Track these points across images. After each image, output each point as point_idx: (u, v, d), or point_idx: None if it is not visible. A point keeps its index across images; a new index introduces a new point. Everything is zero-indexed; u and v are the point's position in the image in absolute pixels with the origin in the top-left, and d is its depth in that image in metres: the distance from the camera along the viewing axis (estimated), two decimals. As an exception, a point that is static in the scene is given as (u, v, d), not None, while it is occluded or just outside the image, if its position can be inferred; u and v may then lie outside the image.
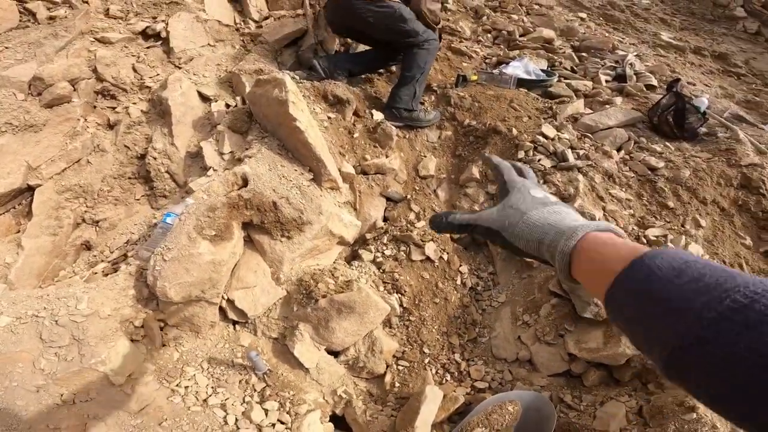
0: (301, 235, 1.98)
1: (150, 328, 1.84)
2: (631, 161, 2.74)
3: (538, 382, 2.18)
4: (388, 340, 2.26)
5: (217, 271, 1.81)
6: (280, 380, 2.05)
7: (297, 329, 2.01)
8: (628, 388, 2.06)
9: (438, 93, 3.21)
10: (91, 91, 2.61)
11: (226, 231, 1.84)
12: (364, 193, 2.42)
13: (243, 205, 1.93)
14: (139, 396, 1.70)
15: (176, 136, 2.50)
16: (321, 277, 1.99)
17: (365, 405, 2.17)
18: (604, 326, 2.10)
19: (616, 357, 2.02)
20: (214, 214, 1.83)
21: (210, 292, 1.82)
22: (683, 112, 2.87)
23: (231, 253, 1.84)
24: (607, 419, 1.92)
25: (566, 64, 4.26)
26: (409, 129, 2.85)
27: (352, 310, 1.98)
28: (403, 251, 2.35)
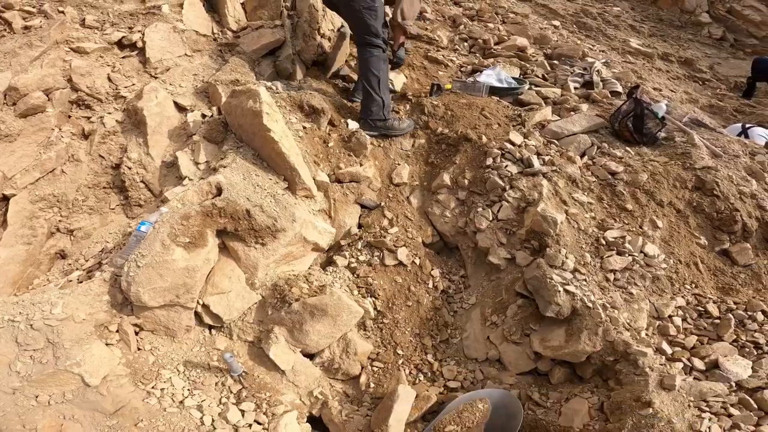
0: (275, 242, 2.05)
1: (125, 332, 1.88)
2: (593, 166, 2.86)
3: (508, 380, 2.26)
4: (363, 342, 2.34)
5: (191, 276, 1.86)
6: (256, 382, 2.10)
7: (272, 332, 2.07)
8: (590, 384, 2.15)
9: (413, 102, 3.29)
10: (65, 101, 2.64)
11: (199, 238, 1.90)
12: (338, 201, 2.49)
13: (217, 214, 1.98)
14: (115, 397, 1.74)
15: (152, 146, 2.54)
16: (295, 282, 2.06)
17: (341, 405, 2.24)
18: (566, 324, 2.21)
19: (576, 354, 2.13)
20: (188, 222, 1.89)
21: (185, 297, 1.87)
22: (642, 118, 3.00)
23: (205, 259, 1.90)
24: (571, 415, 2.01)
25: (538, 72, 4.38)
26: (383, 138, 2.94)
27: (325, 313, 2.05)
28: (377, 256, 2.43)
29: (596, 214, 2.63)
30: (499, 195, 2.62)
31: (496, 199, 2.62)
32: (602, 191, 2.74)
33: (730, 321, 2.20)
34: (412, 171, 2.88)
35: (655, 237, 2.55)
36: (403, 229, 2.57)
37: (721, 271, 2.60)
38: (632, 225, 2.59)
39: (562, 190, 2.64)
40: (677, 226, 2.64)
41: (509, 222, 2.55)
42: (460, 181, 2.75)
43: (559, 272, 2.27)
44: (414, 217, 2.67)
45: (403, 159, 2.90)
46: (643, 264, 2.42)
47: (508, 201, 2.57)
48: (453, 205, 2.70)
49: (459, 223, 2.66)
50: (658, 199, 2.69)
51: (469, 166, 2.79)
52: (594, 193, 2.72)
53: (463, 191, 2.71)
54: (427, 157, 2.93)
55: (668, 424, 1.84)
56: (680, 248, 2.56)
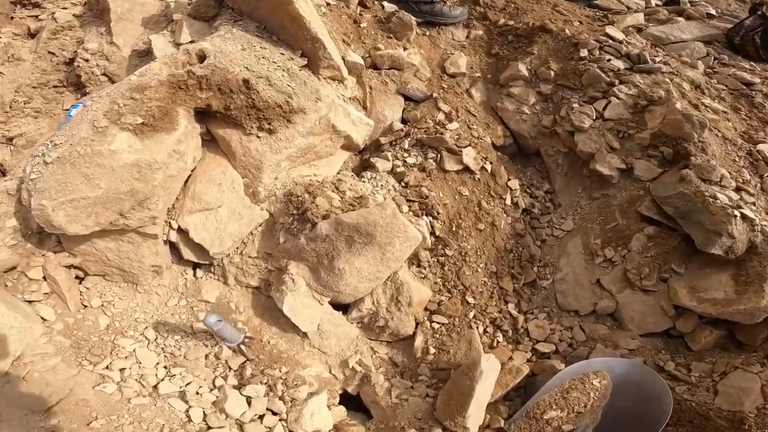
0: (290, 128, 1.28)
1: (53, 280, 1.15)
2: (717, 74, 2.26)
3: (626, 343, 1.55)
4: (419, 285, 1.60)
5: (144, 178, 1.11)
6: (266, 351, 1.41)
7: (287, 272, 1.34)
8: (757, 354, 1.47)
9: None
10: (6, 1, 2.22)
11: (162, 118, 1.14)
12: (375, 90, 1.72)
13: (195, 85, 1.22)
14: (47, 386, 1.05)
15: (116, 34, 1.94)
16: (321, 191, 1.30)
17: (388, 381, 1.55)
18: (734, 267, 1.50)
19: (754, 312, 1.41)
20: (142, 95, 1.13)
21: (135, 215, 1.13)
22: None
23: (172, 151, 1.14)
24: (737, 395, 1.33)
25: None
26: (429, 26, 2.18)
27: (371, 239, 1.30)
28: (431, 159, 1.66)
29: (735, 125, 1.94)
30: (603, 90, 1.94)
31: (599, 95, 1.93)
32: (736, 101, 2.15)
33: None
34: (471, 62, 2.10)
35: None
36: (466, 125, 1.79)
37: None
38: None
39: (688, 94, 1.94)
40: None
41: (622, 122, 1.84)
42: (542, 72, 2.01)
43: (722, 190, 1.54)
44: (478, 113, 1.90)
45: (457, 49, 2.13)
46: None
47: (618, 98, 1.88)
48: (533, 99, 1.95)
49: (543, 122, 1.91)
50: None
51: (554, 57, 2.07)
52: (726, 102, 2.08)
53: (547, 84, 1.97)
54: (489, 49, 2.17)
55: None
56: None
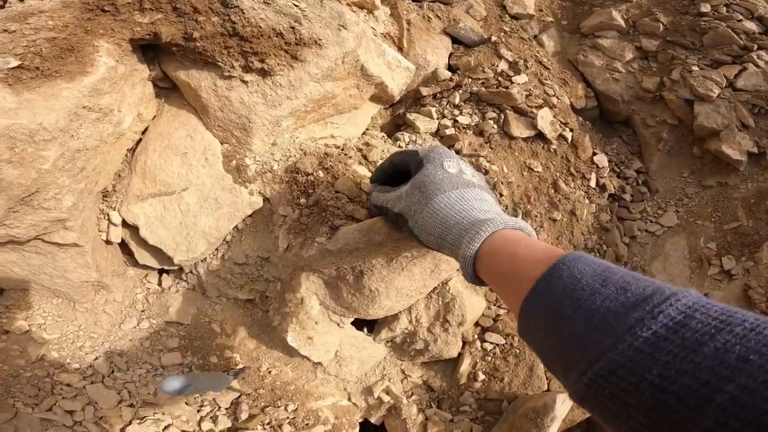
0: (297, 69, 0.80)
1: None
2: None
3: None
4: (472, 296, 1.18)
5: (23, 160, 0.64)
6: (267, 384, 1.03)
7: (290, 290, 0.90)
8: None
9: None
10: None
11: (61, 57, 0.67)
12: (415, 26, 1.22)
13: (130, 4, 0.75)
14: None
15: None
16: (344, 164, 0.84)
17: (422, 412, 1.19)
18: None
19: None
20: (23, 25, 0.66)
21: (23, 219, 0.67)
22: None
23: (81, 108, 0.68)
24: None
25: None
26: None
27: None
28: (491, 120, 1.17)
29: None
30: (734, 55, 1.43)
31: (728, 59, 1.42)
32: None
33: None
34: (540, 2, 1.57)
35: None
36: (537, 80, 1.29)
37: None
38: None
39: None
40: None
41: (761, 95, 1.35)
42: (645, 24, 1.49)
43: None
44: (552, 66, 1.38)
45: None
46: None
47: (757, 65, 1.38)
48: (630, 55, 1.45)
49: (645, 84, 1.40)
50: None
51: (661, 8, 1.53)
52: None
53: (652, 39, 1.45)
54: None
55: None
56: None
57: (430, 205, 0.56)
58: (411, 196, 0.60)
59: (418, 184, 0.59)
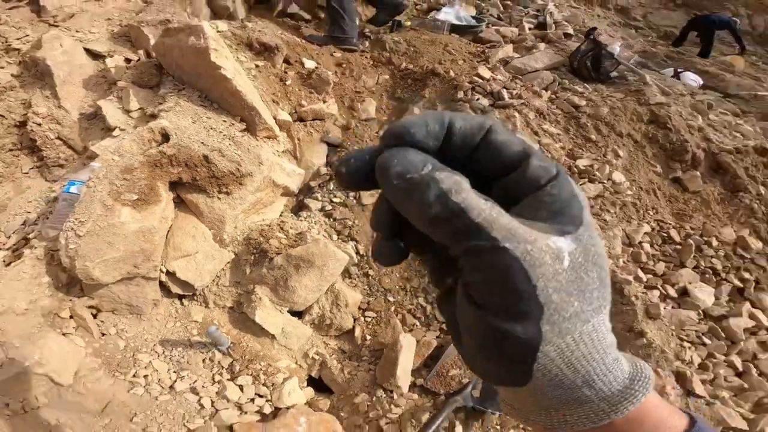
0: (242, 189, 1.78)
1: (81, 317, 1.57)
2: (557, 100, 2.94)
3: None
4: (352, 291, 2.16)
5: (148, 240, 1.56)
6: (247, 352, 1.88)
7: (254, 294, 1.83)
8: None
9: (372, 38, 3.13)
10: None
11: (150, 193, 1.59)
12: (303, 141, 2.23)
13: (168, 162, 1.67)
14: (96, 394, 1.47)
15: (63, 98, 2.15)
16: (272, 233, 1.81)
17: (341, 363, 2.07)
18: None
19: None
20: (132, 176, 1.57)
21: (145, 266, 1.58)
22: (599, 58, 3.14)
23: (161, 218, 1.60)
24: None
25: (493, 12, 4.35)
26: (345, 75, 2.73)
27: (312, 264, 1.84)
28: (352, 196, 2.22)
29: (564, 144, 2.69)
30: None
31: None
32: (568, 123, 2.85)
33: (691, 247, 2.26)
34: (379, 106, 2.68)
35: (618, 165, 2.63)
36: (379, 166, 2.38)
37: (675, 197, 2.72)
38: (597, 154, 2.67)
39: (532, 122, 2.65)
40: (636, 156, 2.74)
41: None
42: None
43: None
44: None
45: (368, 95, 2.69)
46: (612, 191, 2.47)
47: None
48: None
49: None
50: (618, 131, 2.79)
51: (440, 99, 2.67)
52: (561, 125, 2.81)
53: None
54: (393, 92, 2.76)
55: (662, 354, 1.84)
56: (640, 176, 2.66)
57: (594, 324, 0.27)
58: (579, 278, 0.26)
59: (595, 258, 0.27)
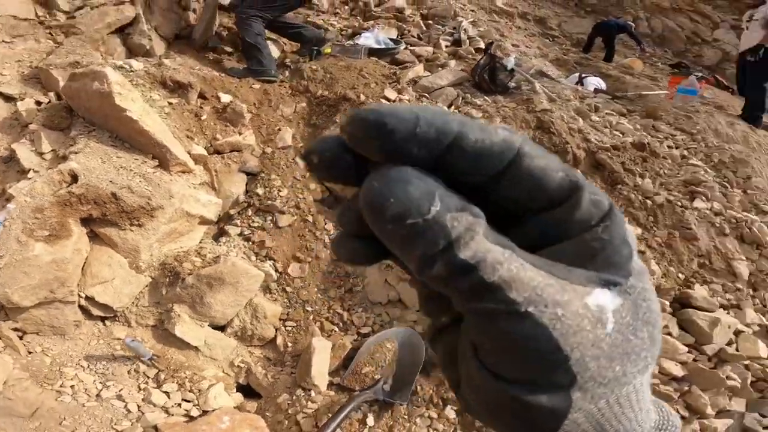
0: (154, 221, 2.00)
1: (7, 338, 1.76)
2: (458, 114, 3.22)
3: (411, 317, 2.45)
4: (270, 304, 2.40)
5: (62, 269, 1.76)
6: (172, 363, 2.07)
7: (172, 312, 2.05)
8: None
9: (291, 68, 3.37)
10: None
11: (61, 229, 1.80)
12: (221, 172, 2.47)
13: (77, 201, 1.88)
14: (25, 401, 1.65)
15: None
16: (186, 258, 2.05)
17: (265, 369, 2.29)
18: None
19: None
20: (43, 215, 1.77)
21: (61, 291, 1.78)
22: (495, 71, 3.42)
23: (74, 250, 1.81)
24: None
25: (414, 32, 4.65)
26: (264, 106, 2.98)
27: (223, 282, 2.08)
28: (270, 220, 2.48)
29: None
30: None
31: None
32: None
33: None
34: (296, 134, 2.94)
35: None
36: (293, 190, 2.64)
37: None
38: None
39: None
40: None
41: None
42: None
43: None
44: (303, 177, 2.75)
45: (285, 123, 2.95)
46: None
47: None
48: None
49: None
50: None
51: None
52: None
53: None
54: (309, 119, 3.03)
55: None
56: None
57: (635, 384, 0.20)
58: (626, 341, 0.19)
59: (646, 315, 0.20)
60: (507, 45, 5.24)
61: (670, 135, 3.79)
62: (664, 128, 3.87)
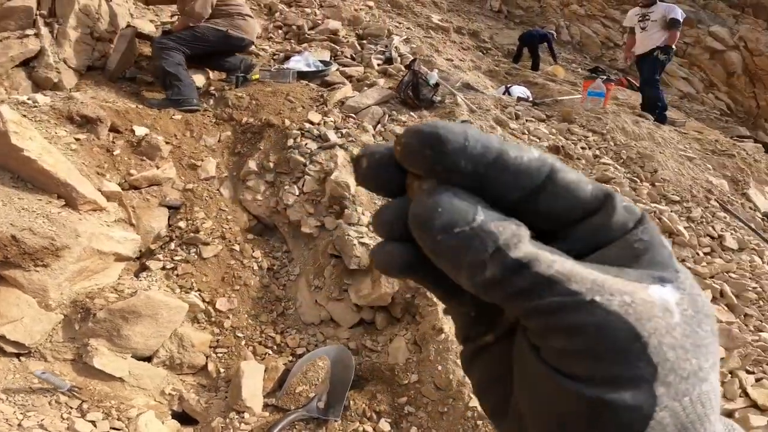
0: (61, 261, 2.00)
1: None
2: (384, 132, 3.34)
3: (343, 335, 2.51)
4: (198, 333, 2.43)
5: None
6: (95, 393, 2.05)
7: (89, 345, 2.06)
8: (403, 323, 2.46)
9: (216, 96, 3.37)
10: None
11: None
12: (139, 207, 2.49)
13: None
14: None
15: None
16: (100, 294, 2.06)
17: (198, 395, 2.31)
18: (371, 272, 2.50)
19: (382, 297, 2.43)
20: None
21: None
22: (418, 87, 3.55)
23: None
24: (395, 353, 2.30)
25: (347, 53, 4.74)
26: (185, 137, 2.99)
27: (140, 315, 2.10)
28: (194, 252, 2.50)
29: None
30: (302, 171, 2.87)
31: (300, 175, 2.87)
32: None
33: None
34: (219, 163, 2.98)
35: None
36: (218, 220, 2.68)
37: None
38: None
39: None
40: None
41: (314, 193, 2.84)
42: (266, 165, 2.94)
43: (356, 228, 2.62)
44: (228, 207, 2.79)
45: (209, 153, 2.98)
46: None
47: (310, 175, 2.84)
48: (263, 188, 2.87)
49: (271, 204, 2.86)
50: None
51: (274, 149, 3.00)
52: None
53: (270, 174, 2.91)
54: (234, 148, 3.06)
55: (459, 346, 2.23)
56: None
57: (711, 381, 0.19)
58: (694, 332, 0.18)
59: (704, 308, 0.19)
60: (440, 60, 5.47)
61: (583, 137, 4.09)
62: (577, 131, 4.16)
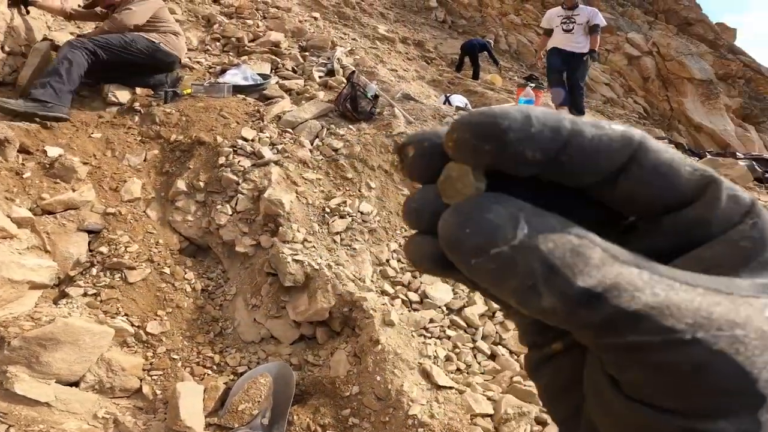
0: None
1: None
2: (322, 146, 3.38)
3: (285, 352, 2.55)
4: (128, 357, 2.44)
5: None
6: (22, 418, 2.00)
7: (8, 372, 2.04)
8: (343, 336, 2.45)
9: (142, 113, 3.24)
10: None
11: None
12: (54, 233, 2.45)
13: None
14: None
15: None
16: (14, 323, 2.05)
17: (135, 417, 2.29)
18: (305, 289, 2.57)
19: (319, 312, 2.49)
20: None
21: None
22: (356, 99, 3.63)
23: None
24: (336, 366, 2.35)
25: (289, 65, 4.71)
26: (106, 156, 2.89)
27: (59, 342, 2.11)
28: (119, 277, 2.50)
29: (324, 187, 3.15)
30: (235, 190, 2.88)
31: (233, 194, 2.87)
32: (329, 167, 3.28)
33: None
34: (146, 184, 2.93)
35: (371, 196, 3.20)
36: (145, 243, 2.68)
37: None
38: (353, 190, 3.20)
39: (293, 173, 3.08)
40: (386, 184, 3.35)
41: (248, 212, 2.86)
42: (196, 184, 2.91)
43: (290, 245, 2.68)
44: (156, 229, 2.78)
45: (133, 174, 2.92)
46: (360, 221, 3.01)
47: (243, 193, 2.86)
48: (194, 208, 2.86)
49: (203, 224, 2.86)
50: (370, 165, 3.36)
51: (204, 168, 2.99)
52: (322, 170, 3.24)
53: (201, 193, 2.90)
54: (162, 167, 3.02)
55: (396, 356, 2.23)
56: (390, 201, 3.26)
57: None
58: None
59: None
60: (384, 70, 5.60)
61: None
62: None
